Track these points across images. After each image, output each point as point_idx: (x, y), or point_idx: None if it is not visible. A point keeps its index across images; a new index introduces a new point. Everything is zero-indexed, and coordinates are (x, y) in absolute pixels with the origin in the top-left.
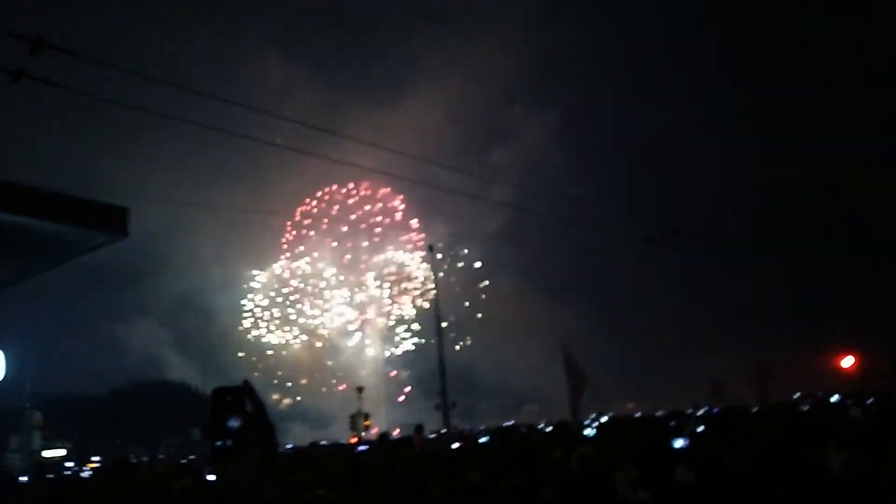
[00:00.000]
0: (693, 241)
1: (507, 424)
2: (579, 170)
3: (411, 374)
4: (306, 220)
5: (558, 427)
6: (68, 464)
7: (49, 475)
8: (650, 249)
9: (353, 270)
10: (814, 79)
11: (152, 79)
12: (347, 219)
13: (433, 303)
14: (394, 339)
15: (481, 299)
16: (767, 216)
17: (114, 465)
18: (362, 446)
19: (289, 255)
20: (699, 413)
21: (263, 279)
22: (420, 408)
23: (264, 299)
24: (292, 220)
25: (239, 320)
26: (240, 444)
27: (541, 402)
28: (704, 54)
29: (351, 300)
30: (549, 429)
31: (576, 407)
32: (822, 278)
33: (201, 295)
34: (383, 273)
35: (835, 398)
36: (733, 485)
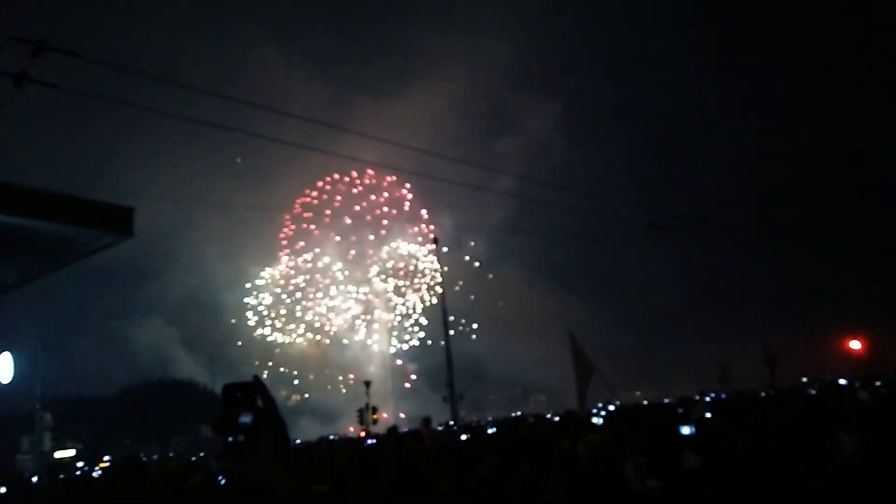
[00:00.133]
0: (698, 226)
1: (514, 415)
2: (583, 158)
3: (418, 367)
4: (307, 212)
5: (566, 417)
6: (79, 464)
7: (61, 476)
8: (655, 236)
9: (358, 265)
10: (819, 60)
11: (154, 78)
12: (352, 210)
13: (440, 296)
14: (401, 334)
15: (487, 290)
16: (774, 199)
17: (124, 463)
18: (371, 440)
19: (288, 251)
20: (707, 399)
21: (267, 276)
22: (428, 399)
23: (269, 297)
24: (291, 213)
25: (244, 318)
26: (251, 440)
27: (548, 392)
28: (708, 39)
29: (356, 294)
30: (556, 419)
31: (583, 394)
32: (829, 261)
33: (208, 293)
34: (388, 267)
35: (842, 382)
36: (742, 467)
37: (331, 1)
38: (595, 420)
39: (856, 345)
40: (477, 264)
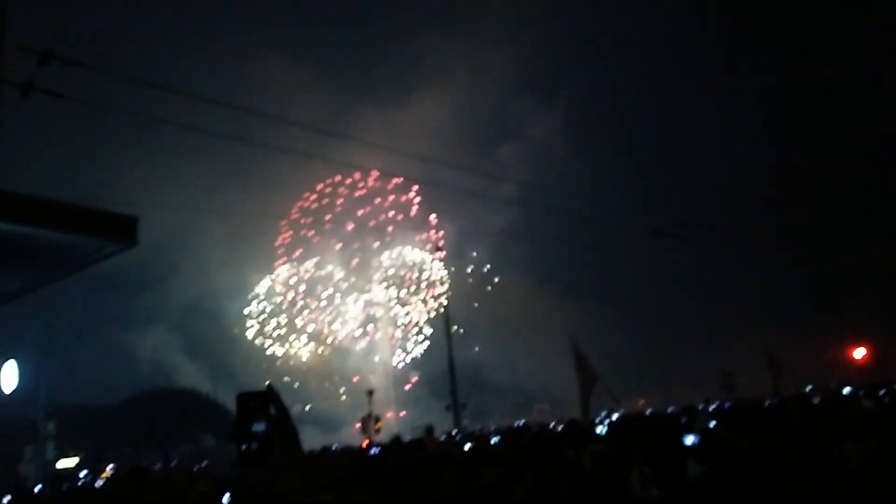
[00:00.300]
0: (703, 234)
1: (518, 424)
2: (587, 164)
3: (421, 375)
4: (305, 218)
5: (569, 426)
6: (82, 473)
7: (64, 486)
8: (660, 242)
9: (361, 274)
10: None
11: (158, 87)
12: (354, 214)
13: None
14: (405, 344)
15: (490, 298)
16: (777, 207)
17: (129, 473)
18: (374, 449)
19: (284, 260)
20: (711, 408)
21: (266, 286)
22: (430, 408)
23: (269, 307)
24: (288, 219)
25: (244, 328)
26: (265, 448)
27: (552, 401)
28: (714, 44)
29: (358, 302)
30: (560, 428)
31: (586, 403)
32: (833, 269)
33: (211, 301)
34: (391, 275)
35: (847, 390)
36: (746, 476)
37: (332, 8)
38: (599, 429)
39: (860, 353)
40: (485, 269)
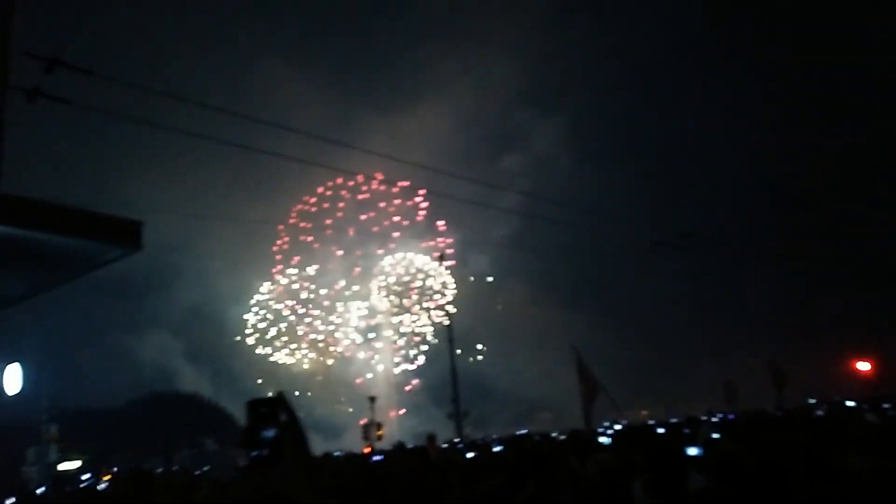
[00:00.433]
0: (705, 245)
1: (520, 433)
2: (589, 174)
3: (422, 383)
4: (304, 222)
5: (572, 435)
6: (84, 476)
7: (67, 488)
8: (662, 253)
9: (364, 282)
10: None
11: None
12: (357, 219)
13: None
14: (407, 352)
15: (492, 307)
16: (781, 219)
17: (130, 476)
18: (377, 456)
19: (281, 267)
20: (714, 419)
21: (266, 293)
22: (431, 416)
23: (269, 314)
24: (286, 224)
25: (244, 335)
26: (275, 454)
27: (554, 410)
28: (716, 56)
29: (360, 311)
30: (562, 437)
31: (589, 413)
32: (838, 281)
33: (213, 306)
34: (393, 283)
35: (850, 403)
36: (750, 489)
37: (337, 17)
38: (602, 439)
39: (864, 366)
40: (488, 279)
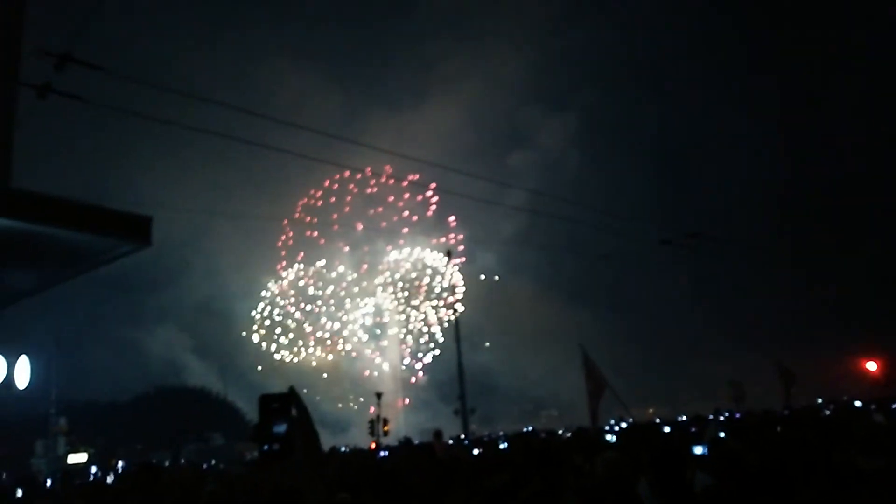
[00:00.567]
0: (712, 244)
1: (525, 430)
2: (597, 172)
3: (429, 380)
4: (310, 217)
5: (578, 433)
6: (92, 469)
7: (76, 481)
8: (669, 252)
9: (371, 278)
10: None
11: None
12: (365, 214)
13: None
14: (414, 349)
15: (499, 304)
16: (788, 218)
17: (139, 469)
18: (383, 451)
19: (285, 263)
20: (720, 418)
21: (272, 290)
22: (438, 412)
23: (275, 310)
24: (291, 219)
25: (251, 331)
26: (286, 448)
27: (559, 407)
28: (726, 56)
29: (367, 307)
30: (568, 434)
31: (595, 411)
32: (846, 281)
33: (221, 301)
34: (401, 280)
35: (858, 403)
36: (755, 488)
37: (345, 14)
38: (608, 437)
39: (872, 366)
40: (495, 278)
